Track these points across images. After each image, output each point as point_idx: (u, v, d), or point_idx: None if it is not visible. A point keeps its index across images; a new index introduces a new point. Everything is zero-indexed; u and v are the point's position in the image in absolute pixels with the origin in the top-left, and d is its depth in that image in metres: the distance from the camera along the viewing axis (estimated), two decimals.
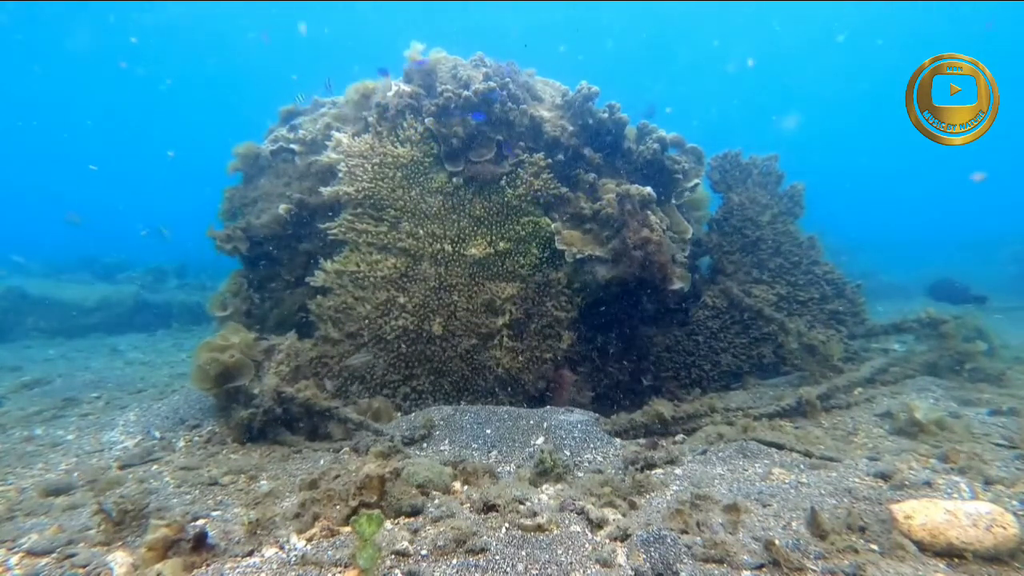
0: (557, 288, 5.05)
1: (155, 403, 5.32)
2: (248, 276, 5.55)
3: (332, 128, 5.33)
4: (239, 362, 4.34)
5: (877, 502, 2.60)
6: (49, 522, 2.94)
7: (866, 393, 4.84)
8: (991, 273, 15.69)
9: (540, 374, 5.08)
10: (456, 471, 3.23)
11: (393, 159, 4.98)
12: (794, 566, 2.10)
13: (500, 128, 5.02)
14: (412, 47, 5.34)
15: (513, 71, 5.45)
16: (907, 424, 3.83)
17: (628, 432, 4.26)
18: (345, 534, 2.46)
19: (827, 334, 5.32)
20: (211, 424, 4.52)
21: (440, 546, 2.30)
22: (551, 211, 5.08)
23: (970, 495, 2.68)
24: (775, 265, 5.97)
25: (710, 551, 2.22)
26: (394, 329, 4.91)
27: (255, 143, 5.83)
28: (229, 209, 5.79)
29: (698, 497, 2.72)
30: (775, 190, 6.22)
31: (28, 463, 4.00)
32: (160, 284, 15.40)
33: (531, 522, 2.51)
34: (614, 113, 5.19)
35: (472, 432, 4.13)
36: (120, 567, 2.32)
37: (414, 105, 5.05)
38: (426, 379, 4.99)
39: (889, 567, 2.09)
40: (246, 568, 2.24)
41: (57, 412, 5.45)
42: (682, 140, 5.72)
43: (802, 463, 3.36)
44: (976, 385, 4.89)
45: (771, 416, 4.39)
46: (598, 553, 2.27)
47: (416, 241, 4.97)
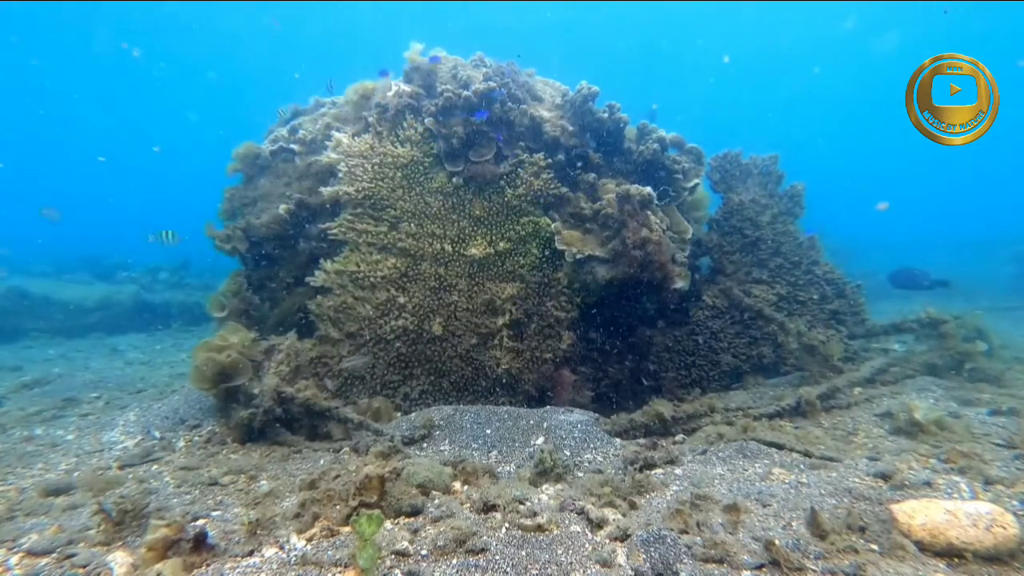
0: (557, 288, 5.06)
1: (155, 403, 5.32)
2: (248, 276, 5.54)
3: (332, 128, 5.33)
4: (236, 362, 4.34)
5: (877, 502, 2.60)
6: (49, 522, 2.94)
7: (866, 393, 4.85)
8: (991, 273, 15.71)
9: (540, 374, 5.08)
10: (456, 471, 3.23)
11: (393, 159, 4.98)
12: (794, 566, 2.10)
13: (500, 128, 5.02)
14: (412, 47, 5.34)
15: (513, 71, 5.46)
16: (907, 424, 3.83)
17: (628, 432, 4.26)
18: (345, 534, 2.46)
19: (827, 334, 5.32)
20: (211, 424, 4.52)
21: (440, 546, 2.30)
22: (551, 211, 5.08)
23: (970, 495, 2.68)
24: (775, 265, 5.98)
25: (710, 551, 2.22)
26: (394, 329, 4.91)
27: (255, 143, 5.83)
28: (229, 209, 5.79)
29: (698, 497, 2.72)
30: (775, 190, 6.22)
31: (28, 463, 4.00)
32: (160, 283, 15.39)
33: (531, 522, 2.51)
34: (614, 113, 5.19)
35: (472, 432, 4.13)
36: (120, 567, 2.32)
37: (414, 105, 5.05)
38: (426, 379, 4.99)
39: (889, 567, 2.09)
40: (246, 568, 2.24)
41: (57, 412, 5.45)
42: (682, 140, 5.72)
43: (802, 463, 3.36)
44: (976, 385, 4.89)
45: (771, 416, 4.39)
46: (598, 553, 2.27)
47: (416, 241, 4.97)
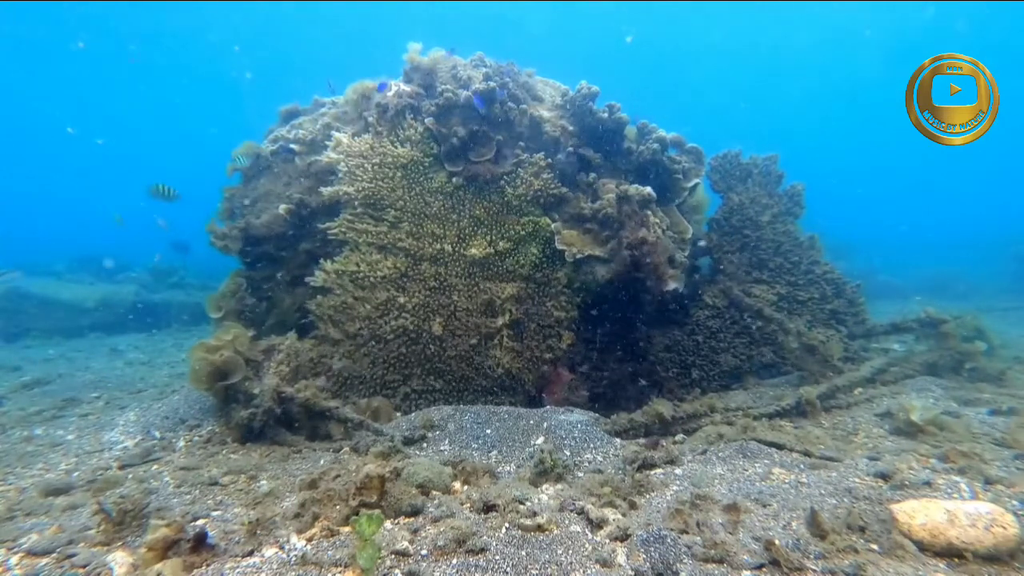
0: (557, 288, 5.06)
1: (155, 403, 5.32)
2: (248, 276, 5.54)
3: (332, 128, 5.33)
4: (228, 360, 4.32)
5: (877, 502, 2.60)
6: (49, 522, 2.94)
7: (866, 393, 4.85)
8: (991, 273, 15.71)
9: (540, 374, 5.08)
10: (456, 471, 3.23)
11: (393, 159, 4.98)
12: (794, 566, 2.10)
13: (500, 128, 5.02)
14: (411, 47, 5.34)
15: (513, 71, 5.46)
16: (907, 424, 3.83)
17: (628, 432, 4.26)
18: (345, 534, 2.46)
19: (827, 334, 5.33)
20: (211, 424, 4.52)
21: (440, 546, 2.30)
22: (551, 211, 5.08)
23: (970, 495, 2.68)
24: (775, 265, 5.98)
25: (710, 551, 2.22)
26: (394, 329, 4.91)
27: (255, 143, 5.83)
28: (229, 209, 5.79)
29: (698, 497, 2.72)
30: (775, 190, 6.23)
31: (28, 463, 4.00)
32: (160, 283, 15.38)
33: (531, 522, 2.50)
34: (614, 113, 5.19)
35: (472, 432, 4.13)
36: (120, 567, 2.32)
37: (414, 105, 5.05)
38: (426, 379, 4.99)
39: (889, 567, 2.09)
40: (246, 568, 2.24)
41: (57, 412, 5.45)
42: (682, 140, 5.72)
43: (802, 463, 3.36)
44: (976, 385, 4.90)
45: (771, 416, 4.40)
46: (598, 553, 2.27)
47: (416, 241, 4.97)
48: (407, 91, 5.09)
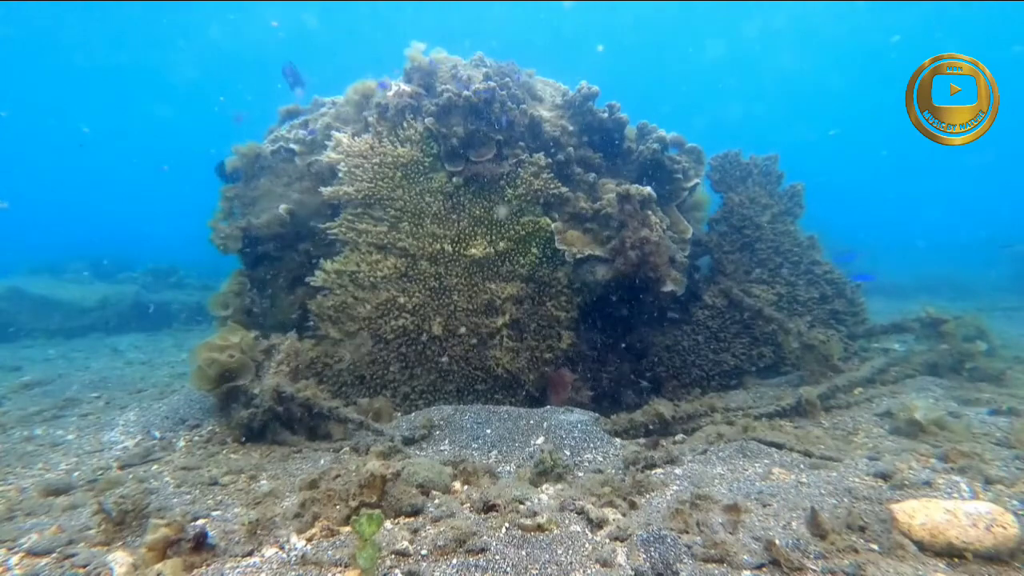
0: (557, 288, 5.05)
1: (155, 403, 5.32)
2: (249, 276, 5.55)
3: (332, 128, 5.33)
4: (239, 362, 4.34)
5: (877, 502, 2.60)
6: (49, 522, 2.94)
7: (866, 393, 4.84)
8: (991, 273, 15.71)
9: (540, 374, 5.08)
10: (456, 471, 3.23)
11: (393, 159, 4.98)
12: (794, 566, 2.10)
13: (500, 128, 5.02)
14: (413, 47, 5.34)
15: (513, 71, 5.45)
16: (907, 424, 3.83)
17: (628, 432, 4.26)
18: (345, 534, 2.46)
19: (827, 334, 5.32)
20: (211, 424, 4.52)
21: (440, 546, 2.30)
22: (551, 211, 5.08)
23: (970, 495, 2.68)
24: (775, 265, 5.98)
25: (710, 551, 2.22)
26: (394, 329, 4.91)
27: (255, 142, 5.83)
28: (228, 209, 5.79)
29: (698, 497, 2.72)
30: (775, 190, 6.22)
31: (28, 463, 4.00)
32: (160, 283, 15.39)
33: (531, 522, 2.50)
34: (614, 113, 5.19)
35: (472, 432, 4.13)
36: (120, 567, 2.31)
37: (414, 105, 5.05)
38: (426, 379, 4.99)
39: (889, 567, 2.09)
40: (246, 568, 2.24)
41: (57, 412, 5.45)
42: (682, 140, 5.72)
43: (802, 463, 3.35)
44: (976, 385, 4.89)
45: (771, 416, 4.39)
46: (598, 553, 2.27)
47: (416, 241, 4.97)
48: (407, 91, 5.09)
